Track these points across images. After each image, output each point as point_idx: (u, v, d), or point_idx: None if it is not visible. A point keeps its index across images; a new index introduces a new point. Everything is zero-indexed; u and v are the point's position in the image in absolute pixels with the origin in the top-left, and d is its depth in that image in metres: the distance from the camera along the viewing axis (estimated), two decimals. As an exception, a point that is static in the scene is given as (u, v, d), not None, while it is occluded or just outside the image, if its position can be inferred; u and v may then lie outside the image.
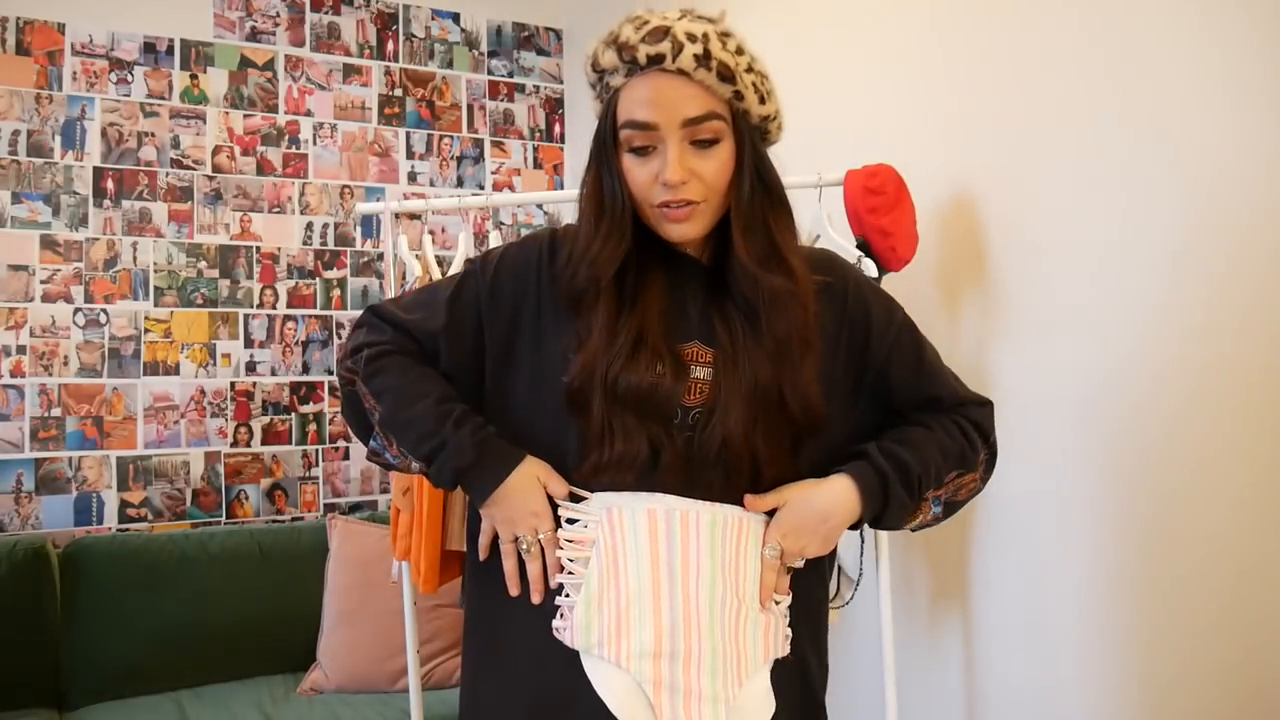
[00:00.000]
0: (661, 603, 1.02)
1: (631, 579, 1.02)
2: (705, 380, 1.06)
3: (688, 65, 0.99)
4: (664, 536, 1.03)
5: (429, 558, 2.00)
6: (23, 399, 2.72)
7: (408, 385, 1.08)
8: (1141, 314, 1.62)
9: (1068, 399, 1.75)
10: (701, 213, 1.04)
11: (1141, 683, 1.63)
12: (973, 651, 1.98)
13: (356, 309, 3.14)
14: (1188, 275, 1.55)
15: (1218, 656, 1.51)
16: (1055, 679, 1.78)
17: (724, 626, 1.03)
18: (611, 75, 1.04)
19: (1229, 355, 1.49)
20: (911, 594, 2.12)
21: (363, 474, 3.14)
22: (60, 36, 2.81)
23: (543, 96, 3.49)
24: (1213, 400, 1.51)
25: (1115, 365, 1.65)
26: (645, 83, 1.00)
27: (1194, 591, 1.55)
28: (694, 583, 1.02)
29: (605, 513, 1.04)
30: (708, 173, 1.02)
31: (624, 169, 1.04)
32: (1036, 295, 1.82)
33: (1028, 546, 1.84)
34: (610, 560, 1.03)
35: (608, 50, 1.03)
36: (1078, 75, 1.72)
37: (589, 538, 1.04)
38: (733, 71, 1.00)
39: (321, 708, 2.46)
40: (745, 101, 1.02)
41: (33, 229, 2.76)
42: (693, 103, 1.00)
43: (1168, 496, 1.58)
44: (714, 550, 1.03)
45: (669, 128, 1.00)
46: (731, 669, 1.04)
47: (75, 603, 2.49)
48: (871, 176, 1.87)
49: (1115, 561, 1.67)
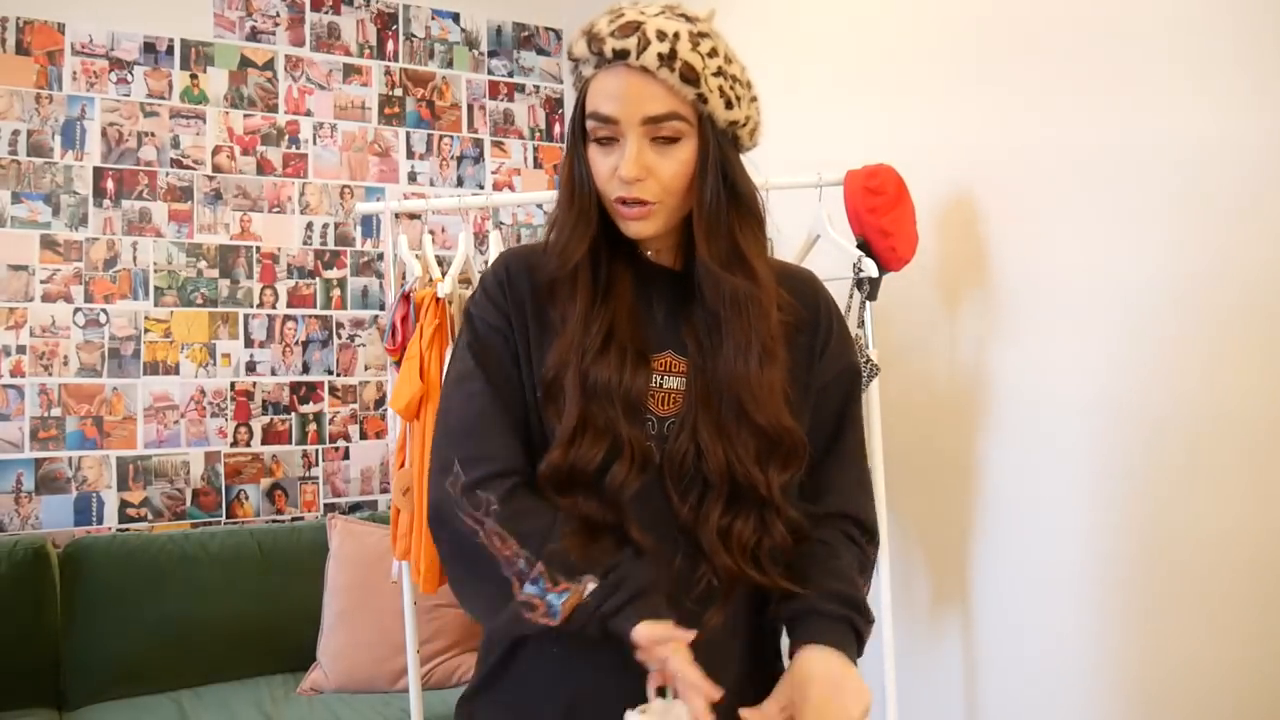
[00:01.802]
0: None
1: None
2: (678, 390, 1.05)
3: (650, 63, 0.97)
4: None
5: (429, 558, 2.00)
6: (23, 399, 2.72)
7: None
8: (1141, 313, 1.62)
9: (1067, 398, 1.75)
10: (656, 213, 1.02)
11: (1140, 682, 1.63)
12: (973, 651, 1.98)
13: (356, 309, 3.14)
14: (1188, 275, 1.55)
15: (1217, 657, 1.51)
16: (1055, 678, 1.78)
17: None
18: (584, 65, 1.04)
19: (1229, 354, 1.49)
20: (911, 594, 2.12)
21: (363, 474, 3.14)
22: (60, 36, 2.81)
23: (543, 96, 3.49)
24: (1213, 399, 1.51)
25: (1115, 365, 1.65)
26: (611, 76, 1.00)
27: (1194, 591, 1.55)
28: None
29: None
30: (665, 172, 1.00)
31: (590, 159, 1.04)
32: (1036, 295, 1.82)
33: (1027, 546, 1.84)
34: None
35: (580, 39, 1.03)
36: (1079, 75, 1.72)
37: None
38: (698, 74, 0.98)
39: (321, 708, 2.45)
40: (709, 105, 1.00)
41: (33, 229, 2.75)
42: (654, 101, 0.98)
43: (1167, 496, 1.58)
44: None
45: (629, 123, 0.99)
46: None
47: (75, 603, 2.49)
48: (871, 176, 1.87)
49: (1114, 561, 1.67)
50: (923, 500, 2.08)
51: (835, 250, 1.91)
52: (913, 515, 2.11)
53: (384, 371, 3.13)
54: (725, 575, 1.02)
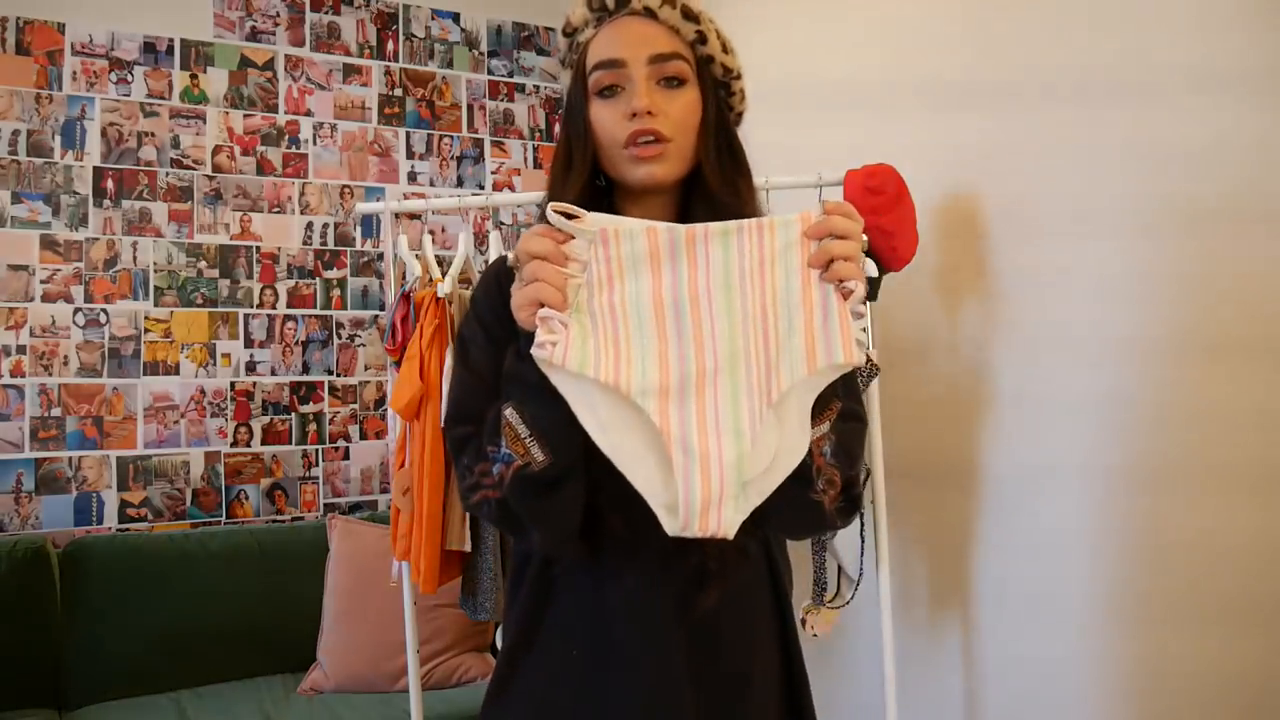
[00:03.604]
0: (668, 331, 0.90)
1: (631, 309, 0.90)
2: None
3: (653, 3, 1.03)
4: (667, 255, 0.90)
5: (429, 558, 2.00)
6: (23, 399, 2.72)
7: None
8: (1141, 310, 1.61)
9: (1067, 399, 1.75)
10: (670, 154, 1.03)
11: (1142, 680, 1.63)
12: (973, 651, 1.98)
13: (356, 309, 3.14)
14: (1188, 275, 1.54)
15: (1218, 656, 1.51)
16: (1055, 678, 1.78)
17: (748, 348, 0.90)
18: (582, 31, 1.07)
19: (1230, 355, 1.49)
20: (911, 594, 2.12)
21: (363, 474, 3.14)
22: (60, 36, 2.81)
23: (543, 96, 3.49)
24: (1214, 399, 1.51)
25: (1115, 365, 1.65)
26: (613, 26, 1.05)
27: (1194, 590, 1.55)
28: (705, 304, 0.90)
29: (599, 233, 0.90)
30: (674, 110, 1.03)
31: (592, 118, 1.04)
32: (1036, 295, 1.82)
33: (1027, 546, 1.84)
34: (605, 286, 0.90)
35: (578, 7, 1.07)
36: (1080, 74, 1.71)
37: (580, 259, 0.90)
38: (696, 14, 1.05)
39: (321, 708, 2.46)
40: (709, 46, 1.05)
41: (33, 229, 2.75)
42: (659, 40, 1.03)
43: (1167, 496, 1.58)
44: (728, 263, 0.90)
45: (636, 63, 1.02)
46: (760, 391, 0.89)
47: (75, 603, 2.49)
48: (871, 176, 1.87)
49: (1113, 561, 1.67)
50: (923, 500, 2.08)
51: (835, 250, 1.90)
52: (913, 515, 2.11)
53: (384, 371, 3.14)
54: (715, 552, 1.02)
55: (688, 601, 1.02)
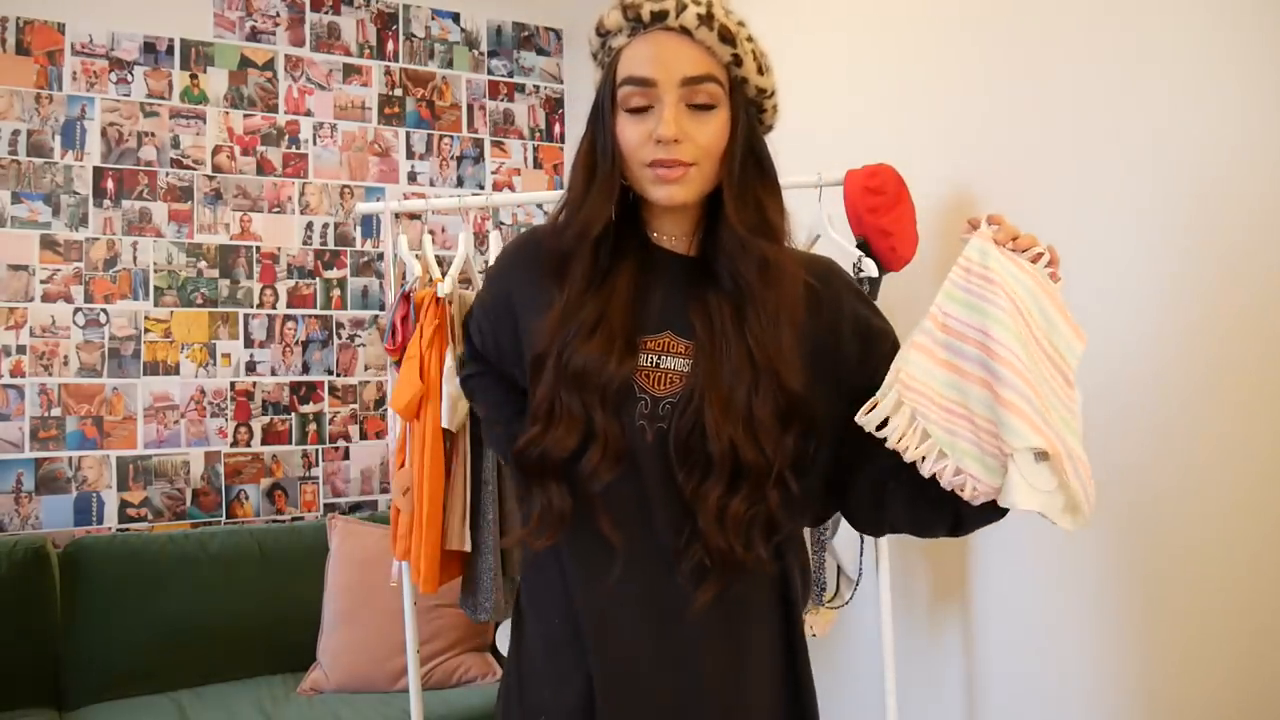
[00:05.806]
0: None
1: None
2: (678, 371, 1.05)
3: (690, 23, 1.00)
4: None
5: (429, 558, 2.00)
6: (23, 399, 2.72)
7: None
8: (1142, 312, 1.61)
9: (1068, 399, 1.75)
10: (692, 178, 1.03)
11: (1142, 680, 1.63)
12: (973, 651, 1.98)
13: (357, 309, 3.14)
14: (1189, 274, 1.54)
15: (1219, 654, 1.51)
16: (1055, 678, 1.78)
17: (1041, 365, 1.01)
18: (615, 36, 1.05)
19: (1230, 352, 1.49)
20: (911, 594, 2.12)
21: (363, 474, 3.14)
22: (60, 36, 2.81)
23: (543, 96, 3.49)
24: (1214, 397, 1.51)
25: (1115, 364, 1.65)
26: (647, 40, 1.02)
27: (1195, 589, 1.55)
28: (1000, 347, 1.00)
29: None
30: (701, 137, 1.02)
31: (618, 129, 1.04)
32: (1036, 295, 1.82)
33: (1027, 546, 1.84)
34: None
35: (613, 11, 1.05)
36: (1079, 73, 1.71)
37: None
38: (733, 35, 1.02)
39: (321, 708, 2.46)
40: (744, 68, 1.03)
41: (33, 229, 2.76)
42: (693, 63, 1.01)
43: (1168, 494, 1.58)
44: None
45: (667, 85, 1.00)
46: (1064, 388, 1.02)
47: (75, 603, 2.49)
48: (871, 176, 1.87)
49: (1114, 561, 1.67)
50: (923, 500, 2.08)
51: (835, 250, 1.90)
52: (913, 515, 2.11)
53: (384, 371, 3.14)
54: (718, 556, 1.02)
55: (685, 599, 1.03)
